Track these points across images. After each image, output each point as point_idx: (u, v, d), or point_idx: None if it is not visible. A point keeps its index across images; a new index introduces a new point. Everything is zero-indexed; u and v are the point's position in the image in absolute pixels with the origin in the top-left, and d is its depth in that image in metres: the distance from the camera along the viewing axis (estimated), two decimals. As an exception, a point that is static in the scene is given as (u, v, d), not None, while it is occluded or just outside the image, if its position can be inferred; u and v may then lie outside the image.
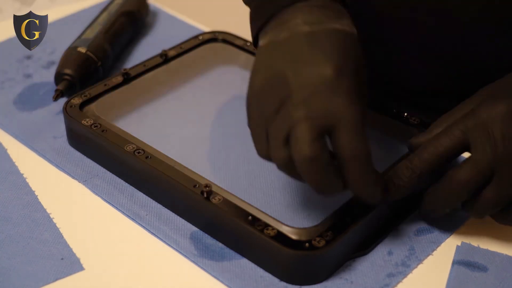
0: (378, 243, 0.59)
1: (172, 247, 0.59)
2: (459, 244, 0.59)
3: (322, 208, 0.61)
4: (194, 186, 0.58)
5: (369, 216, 0.57)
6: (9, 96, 0.75)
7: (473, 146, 0.55)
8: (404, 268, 0.57)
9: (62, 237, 0.59)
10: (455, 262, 0.57)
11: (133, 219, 0.61)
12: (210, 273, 0.56)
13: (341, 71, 0.53)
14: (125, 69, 0.72)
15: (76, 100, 0.68)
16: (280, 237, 0.55)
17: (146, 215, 0.61)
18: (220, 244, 0.59)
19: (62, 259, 0.57)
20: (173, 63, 0.75)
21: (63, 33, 0.84)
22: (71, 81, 0.72)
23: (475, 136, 0.55)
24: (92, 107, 0.68)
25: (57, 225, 0.60)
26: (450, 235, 0.60)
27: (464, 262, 0.57)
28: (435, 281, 0.56)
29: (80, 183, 0.64)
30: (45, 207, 0.62)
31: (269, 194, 0.62)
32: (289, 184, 0.63)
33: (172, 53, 0.75)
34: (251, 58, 0.76)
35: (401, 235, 0.60)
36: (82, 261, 0.57)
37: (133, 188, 0.64)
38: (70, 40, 0.78)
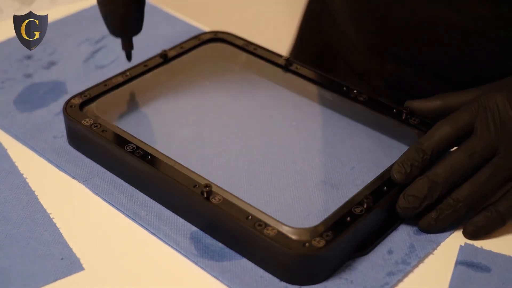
0: (378, 243, 0.59)
1: (172, 247, 0.59)
2: (459, 243, 0.59)
3: (322, 208, 0.61)
4: (194, 186, 0.58)
5: (369, 216, 0.57)
6: (9, 96, 0.75)
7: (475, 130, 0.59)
8: (404, 266, 0.57)
9: (62, 237, 0.59)
10: (458, 262, 0.57)
11: (133, 219, 0.61)
12: (210, 273, 0.56)
13: None
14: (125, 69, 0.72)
15: (76, 100, 0.68)
16: (280, 237, 0.55)
17: (146, 215, 0.61)
18: (220, 244, 0.59)
19: (62, 259, 0.57)
20: (173, 63, 0.75)
21: (63, 33, 0.84)
22: None
23: (479, 121, 0.59)
24: (92, 107, 0.68)
25: (57, 225, 0.60)
26: (450, 235, 0.60)
27: (467, 263, 0.57)
28: (436, 279, 0.56)
29: (80, 183, 0.64)
30: (45, 207, 0.62)
31: (269, 194, 0.62)
32: (289, 184, 0.63)
33: (172, 53, 0.75)
34: (251, 58, 0.77)
35: (401, 234, 0.59)
36: (82, 261, 0.57)
37: (133, 188, 0.63)
38: (70, 40, 0.78)
